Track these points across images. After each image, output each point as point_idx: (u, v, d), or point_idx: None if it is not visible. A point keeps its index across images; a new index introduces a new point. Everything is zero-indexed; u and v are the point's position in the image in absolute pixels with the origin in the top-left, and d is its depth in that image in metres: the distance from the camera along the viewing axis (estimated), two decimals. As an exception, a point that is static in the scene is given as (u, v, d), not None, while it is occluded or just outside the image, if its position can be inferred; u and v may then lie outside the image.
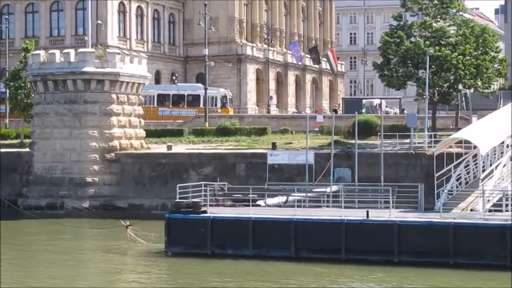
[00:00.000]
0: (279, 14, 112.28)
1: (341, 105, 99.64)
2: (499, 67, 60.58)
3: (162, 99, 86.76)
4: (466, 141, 45.70)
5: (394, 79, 60.73)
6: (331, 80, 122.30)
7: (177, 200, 41.51)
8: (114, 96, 59.47)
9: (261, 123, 73.36)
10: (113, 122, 59.42)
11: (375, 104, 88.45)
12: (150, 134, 67.21)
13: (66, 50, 61.25)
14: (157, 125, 74.97)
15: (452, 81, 60.29)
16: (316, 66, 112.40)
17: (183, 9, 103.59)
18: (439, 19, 61.58)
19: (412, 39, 60.41)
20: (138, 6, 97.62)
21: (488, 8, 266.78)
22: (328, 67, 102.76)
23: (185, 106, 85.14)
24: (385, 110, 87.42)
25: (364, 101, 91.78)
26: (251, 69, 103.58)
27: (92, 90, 58.87)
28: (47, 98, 59.71)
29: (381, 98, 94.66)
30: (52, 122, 59.42)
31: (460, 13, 63.37)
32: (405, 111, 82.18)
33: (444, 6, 61.68)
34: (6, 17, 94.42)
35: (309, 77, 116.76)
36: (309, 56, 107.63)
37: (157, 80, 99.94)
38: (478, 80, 59.63)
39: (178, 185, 42.56)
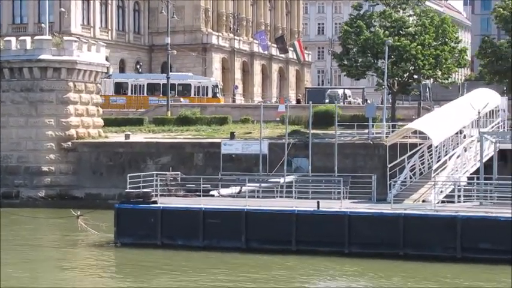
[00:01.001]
0: (245, 3, 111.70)
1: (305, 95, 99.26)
2: (458, 57, 60.46)
3: (152, 88, 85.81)
4: (421, 132, 45.53)
5: (353, 69, 60.52)
6: (298, 70, 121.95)
7: (127, 190, 41.04)
8: (71, 84, 58.71)
9: (223, 113, 72.90)
10: (70, 110, 58.71)
11: (339, 94, 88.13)
12: (110, 123, 66.66)
13: (22, 38, 60.35)
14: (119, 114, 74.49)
15: (412, 71, 60.21)
16: (283, 55, 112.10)
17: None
18: (399, 9, 61.37)
19: (372, 29, 60.19)
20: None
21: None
22: (295, 57, 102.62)
23: (176, 95, 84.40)
24: (349, 100, 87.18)
25: (329, 91, 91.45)
26: (217, 59, 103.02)
27: (49, 78, 58.06)
28: (3, 85, 58.77)
29: (344, 88, 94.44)
30: (8, 110, 58.54)
31: (420, 3, 63.23)
32: (368, 101, 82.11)
33: (405, -5, 61.57)
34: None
35: (275, 67, 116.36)
36: (275, 46, 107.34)
37: (122, 69, 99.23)
38: (437, 70, 59.54)
39: (128, 175, 42.09)
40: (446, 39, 59.65)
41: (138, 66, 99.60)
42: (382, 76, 58.27)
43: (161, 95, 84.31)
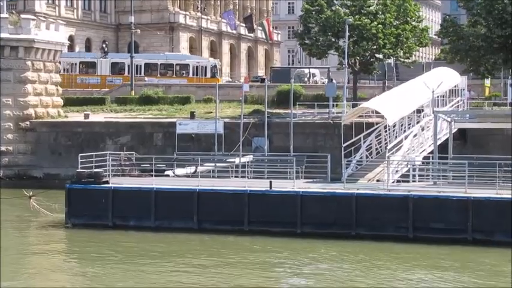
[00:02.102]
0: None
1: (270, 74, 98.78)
2: (420, 36, 60.15)
3: (150, 68, 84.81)
4: (377, 111, 45.21)
5: (314, 48, 60.14)
6: (267, 50, 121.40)
7: (78, 170, 40.46)
8: (29, 63, 57.83)
9: (188, 92, 72.36)
10: (28, 89, 57.87)
11: (306, 74, 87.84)
12: (72, 102, 66.02)
13: (-22, 16, 59.38)
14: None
15: (373, 50, 59.86)
16: (252, 35, 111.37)
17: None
18: (361, -13, 60.97)
19: (333, 8, 59.75)
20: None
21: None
22: (264, 36, 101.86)
23: (174, 76, 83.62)
24: (315, 79, 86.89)
25: (297, 70, 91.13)
26: (184, 38, 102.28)
27: (6, 57, 57.06)
28: (-40, 64, 57.98)
29: (311, 68, 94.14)
30: (-36, 90, 57.74)
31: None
32: (333, 81, 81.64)
33: (366, -26, 61.06)
34: None
35: (244, 46, 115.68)
36: (244, 25, 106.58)
37: (88, 48, 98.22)
38: (399, 49, 59.24)
39: (80, 155, 41.50)
40: (408, 18, 59.33)
41: (104, 46, 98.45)
42: (343, 55, 57.90)
43: (159, 75, 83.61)
